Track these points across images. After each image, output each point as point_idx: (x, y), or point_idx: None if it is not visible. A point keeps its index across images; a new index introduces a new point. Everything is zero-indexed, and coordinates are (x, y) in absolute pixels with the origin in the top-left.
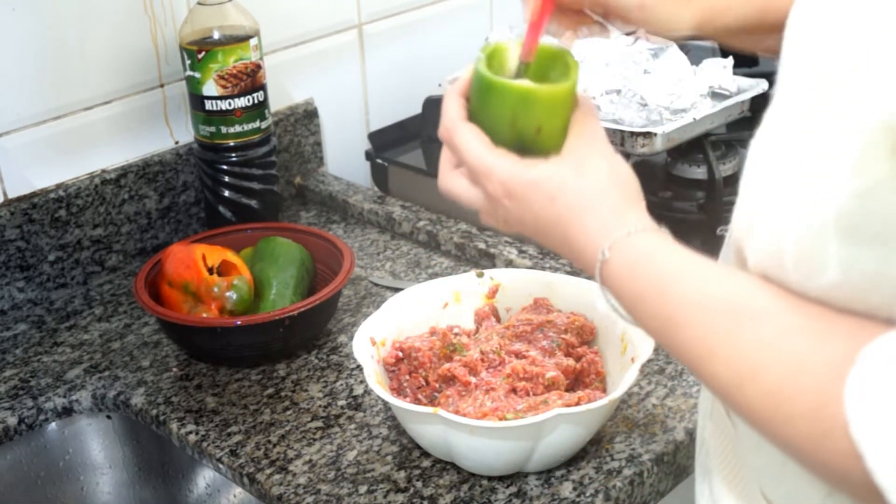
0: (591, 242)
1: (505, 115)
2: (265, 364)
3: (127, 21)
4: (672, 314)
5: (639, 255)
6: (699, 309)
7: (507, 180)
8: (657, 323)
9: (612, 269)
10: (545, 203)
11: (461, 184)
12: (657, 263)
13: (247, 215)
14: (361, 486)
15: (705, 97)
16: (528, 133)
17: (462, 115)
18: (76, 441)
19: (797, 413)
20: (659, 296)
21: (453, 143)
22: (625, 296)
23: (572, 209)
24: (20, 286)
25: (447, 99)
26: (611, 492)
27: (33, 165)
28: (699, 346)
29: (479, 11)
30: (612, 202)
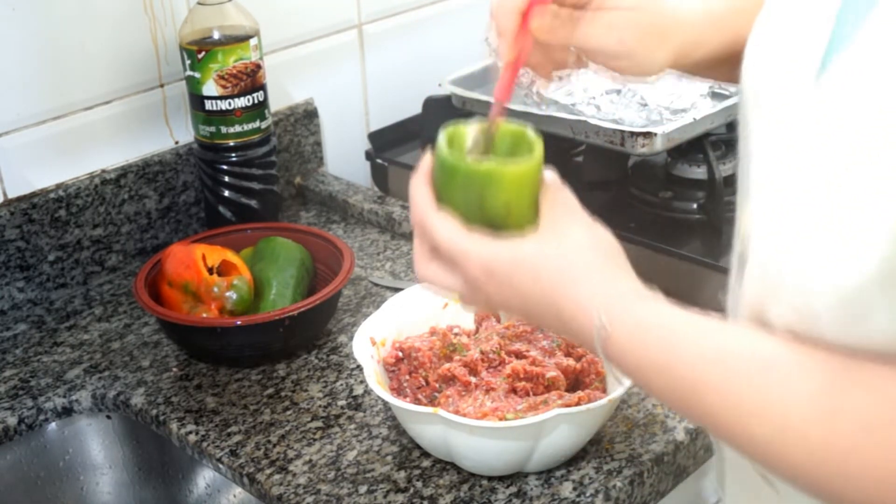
0: (585, 316)
1: (473, 198)
2: (265, 364)
3: (127, 21)
4: (689, 380)
5: (641, 322)
6: (720, 368)
7: (486, 263)
8: (676, 391)
9: (614, 340)
10: (529, 281)
11: (438, 272)
12: (664, 328)
13: (247, 215)
14: (361, 486)
15: (705, 97)
16: (498, 213)
17: (431, 201)
18: (76, 441)
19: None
20: (670, 363)
21: (426, 232)
22: (633, 366)
23: (559, 284)
24: (20, 286)
25: (413, 188)
26: (611, 492)
27: (33, 165)
28: (727, 411)
29: (479, 11)
30: (599, 271)
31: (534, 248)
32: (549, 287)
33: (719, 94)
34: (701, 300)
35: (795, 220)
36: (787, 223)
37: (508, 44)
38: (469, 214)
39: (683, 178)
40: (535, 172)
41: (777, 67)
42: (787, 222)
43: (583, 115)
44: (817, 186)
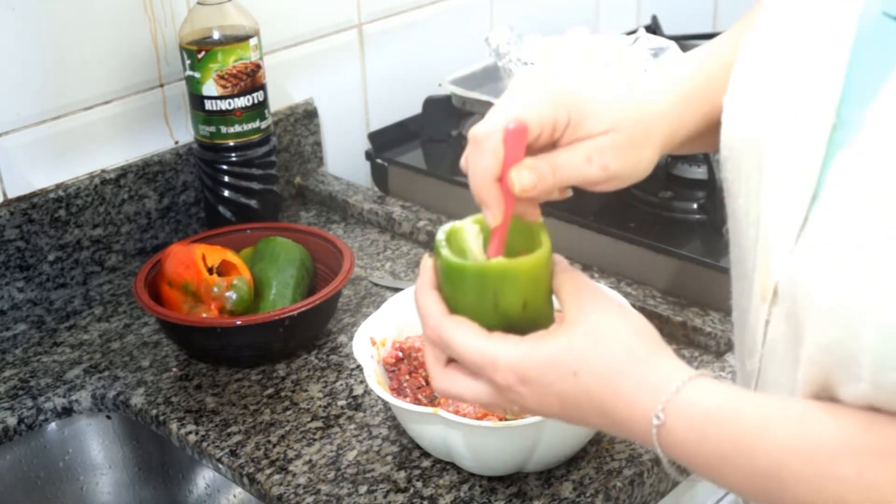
0: (635, 409)
1: (486, 299)
2: (265, 364)
3: (127, 21)
4: (771, 471)
5: (702, 412)
6: (808, 459)
7: (516, 366)
8: (751, 484)
9: (673, 434)
10: (568, 380)
11: (462, 383)
12: (730, 417)
13: (247, 215)
14: (361, 486)
15: None
16: (515, 311)
17: (443, 309)
18: (76, 441)
19: None
20: (747, 454)
21: (444, 342)
22: (698, 460)
23: (601, 379)
24: (20, 286)
25: (421, 297)
26: (611, 492)
27: (33, 165)
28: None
29: (479, 11)
30: (643, 358)
31: (567, 344)
32: (591, 383)
33: None
34: (701, 300)
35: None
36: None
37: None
38: (483, 316)
39: (683, 178)
40: (547, 261)
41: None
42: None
43: None
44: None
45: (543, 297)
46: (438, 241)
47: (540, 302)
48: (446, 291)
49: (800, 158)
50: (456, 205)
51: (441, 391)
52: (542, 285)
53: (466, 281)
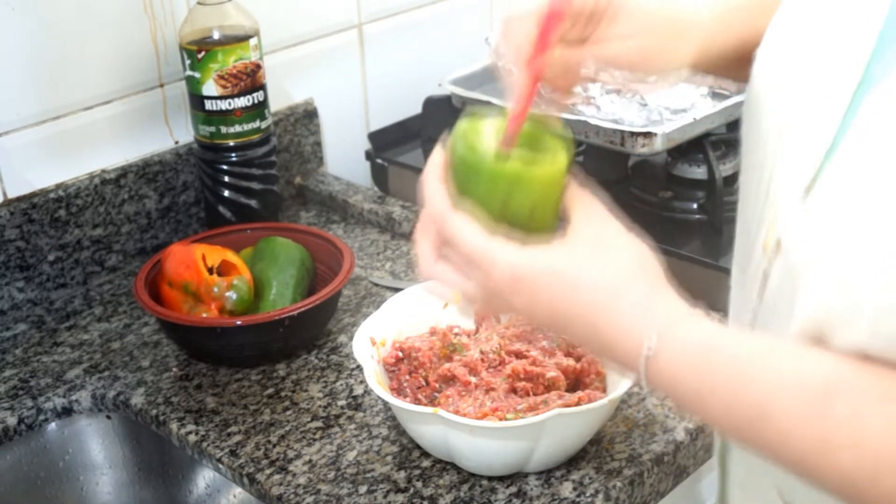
0: (629, 333)
1: (496, 200)
2: (265, 364)
3: (127, 21)
4: (760, 405)
5: (697, 343)
6: (800, 394)
7: (516, 269)
8: (736, 417)
9: (664, 363)
10: (566, 292)
11: (449, 272)
12: (724, 349)
13: (247, 215)
14: (361, 486)
15: (705, 97)
16: (521, 217)
17: (449, 202)
18: (76, 441)
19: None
20: (737, 386)
21: (446, 235)
22: (685, 391)
23: (600, 297)
24: (20, 286)
25: (428, 186)
26: (611, 492)
27: (33, 165)
28: (807, 439)
29: (479, 11)
30: (644, 284)
31: (572, 258)
32: (589, 304)
33: (719, 94)
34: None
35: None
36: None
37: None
38: (490, 215)
39: (683, 178)
40: (562, 174)
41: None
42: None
43: (583, 116)
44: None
45: (552, 209)
46: (456, 133)
47: (548, 213)
48: (457, 185)
49: (822, 111)
50: None
51: (427, 275)
52: (553, 197)
53: (479, 178)
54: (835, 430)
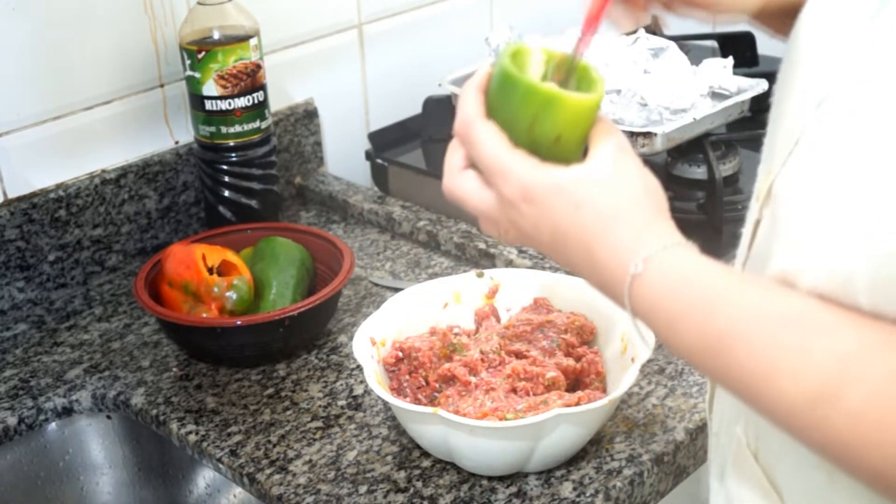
0: (619, 255)
1: (525, 117)
2: (265, 364)
3: (127, 21)
4: (724, 331)
5: (678, 269)
6: (760, 323)
7: (527, 182)
8: (703, 343)
9: (646, 284)
10: (569, 210)
11: (471, 185)
12: (701, 278)
13: (247, 215)
14: (361, 486)
15: (705, 97)
16: (546, 140)
17: (481, 110)
18: (76, 441)
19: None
20: (707, 313)
21: (469, 139)
22: (661, 314)
23: (600, 218)
24: (20, 286)
25: (466, 93)
26: (611, 492)
27: (33, 165)
28: (760, 365)
29: (479, 11)
30: (643, 213)
31: (582, 177)
32: (588, 219)
33: (719, 94)
34: None
35: (838, 176)
36: (828, 180)
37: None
38: (516, 133)
39: (683, 178)
40: (594, 109)
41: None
42: (828, 179)
43: None
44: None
45: (578, 139)
46: (503, 50)
47: (572, 143)
48: (491, 98)
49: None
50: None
51: (448, 191)
52: (581, 129)
53: (514, 93)
54: (783, 358)
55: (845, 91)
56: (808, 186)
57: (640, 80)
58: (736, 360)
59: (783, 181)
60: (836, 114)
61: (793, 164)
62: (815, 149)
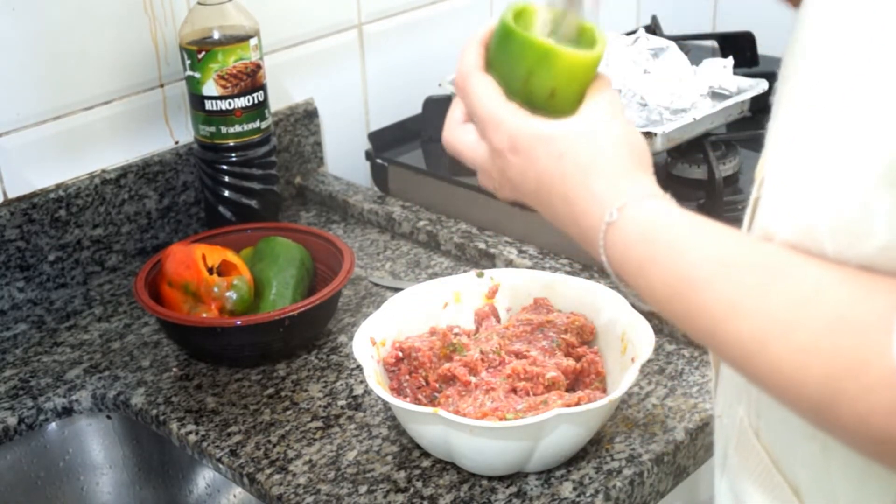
0: (596, 203)
1: (521, 71)
2: (265, 364)
3: (127, 21)
4: (688, 274)
5: (651, 217)
6: (721, 266)
7: (515, 132)
8: (669, 287)
9: (620, 232)
10: (552, 159)
11: (468, 138)
12: (672, 225)
13: (247, 215)
14: (361, 486)
15: (705, 97)
16: (541, 94)
17: (479, 63)
18: (76, 441)
19: (834, 370)
20: (674, 257)
21: (466, 91)
22: (632, 261)
23: (579, 167)
24: (20, 286)
25: (467, 46)
26: (611, 492)
27: (33, 165)
28: (719, 305)
29: (479, 11)
30: (622, 165)
31: (565, 129)
32: (569, 168)
33: (719, 94)
34: None
35: (805, 146)
36: (799, 151)
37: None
38: (512, 86)
39: (683, 178)
40: (591, 66)
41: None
42: (799, 151)
43: None
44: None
45: (574, 95)
46: (508, 7)
47: (568, 98)
48: (491, 52)
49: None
50: (456, 205)
51: (447, 143)
52: (577, 85)
53: (510, 47)
54: (741, 297)
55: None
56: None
57: (640, 80)
58: (698, 302)
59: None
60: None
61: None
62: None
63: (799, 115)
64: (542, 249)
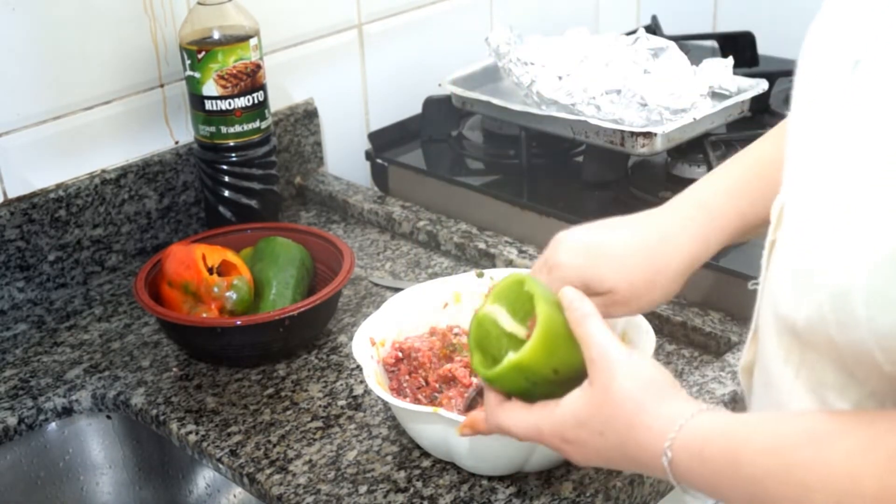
0: (650, 453)
1: (523, 383)
2: (265, 364)
3: (127, 21)
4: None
5: (700, 439)
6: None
7: (557, 430)
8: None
9: (681, 465)
10: (597, 438)
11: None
12: (721, 435)
13: (247, 215)
14: (361, 486)
15: (705, 97)
16: (549, 379)
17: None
18: (76, 441)
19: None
20: (736, 467)
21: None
22: (701, 480)
23: (621, 435)
24: (20, 286)
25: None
26: (611, 492)
27: (33, 165)
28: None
29: (479, 11)
30: (652, 410)
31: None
32: (615, 440)
33: (719, 94)
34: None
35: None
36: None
37: None
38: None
39: (683, 178)
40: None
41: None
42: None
43: (583, 115)
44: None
45: (566, 355)
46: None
47: (567, 361)
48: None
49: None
50: (456, 205)
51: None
52: (558, 348)
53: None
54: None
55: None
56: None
57: (640, 80)
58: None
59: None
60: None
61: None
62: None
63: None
64: (542, 249)
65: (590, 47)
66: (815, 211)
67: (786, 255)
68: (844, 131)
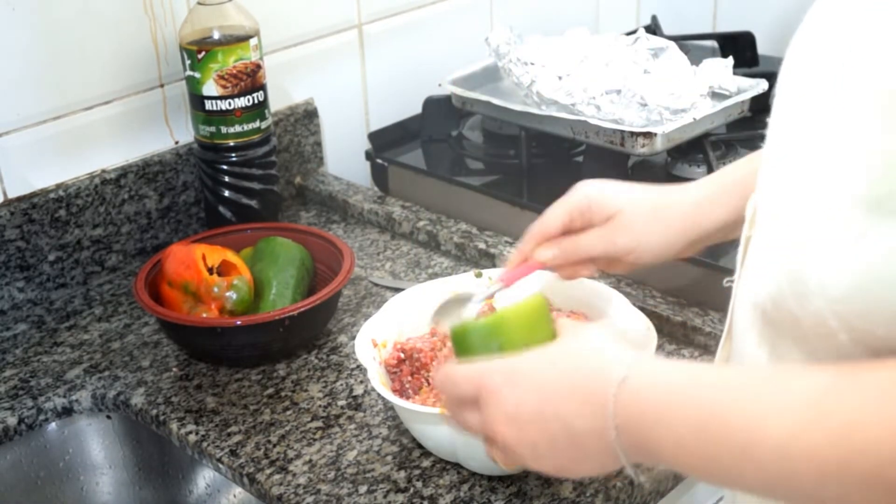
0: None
1: (492, 350)
2: (265, 364)
3: (127, 21)
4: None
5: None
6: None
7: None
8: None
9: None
10: (548, 369)
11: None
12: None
13: (247, 215)
14: (361, 486)
15: (705, 97)
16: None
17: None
18: (76, 441)
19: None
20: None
21: (445, 382)
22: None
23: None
24: (20, 286)
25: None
26: (611, 492)
27: (33, 165)
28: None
29: (479, 11)
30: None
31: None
32: (567, 367)
33: (719, 94)
34: (700, 300)
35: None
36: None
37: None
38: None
39: (683, 178)
40: (539, 307)
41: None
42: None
43: (583, 115)
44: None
45: (543, 339)
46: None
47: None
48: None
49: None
50: (456, 205)
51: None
52: (540, 332)
53: (472, 339)
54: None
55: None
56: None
57: (640, 80)
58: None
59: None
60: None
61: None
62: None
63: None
64: None
65: (590, 47)
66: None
67: (760, 249)
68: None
